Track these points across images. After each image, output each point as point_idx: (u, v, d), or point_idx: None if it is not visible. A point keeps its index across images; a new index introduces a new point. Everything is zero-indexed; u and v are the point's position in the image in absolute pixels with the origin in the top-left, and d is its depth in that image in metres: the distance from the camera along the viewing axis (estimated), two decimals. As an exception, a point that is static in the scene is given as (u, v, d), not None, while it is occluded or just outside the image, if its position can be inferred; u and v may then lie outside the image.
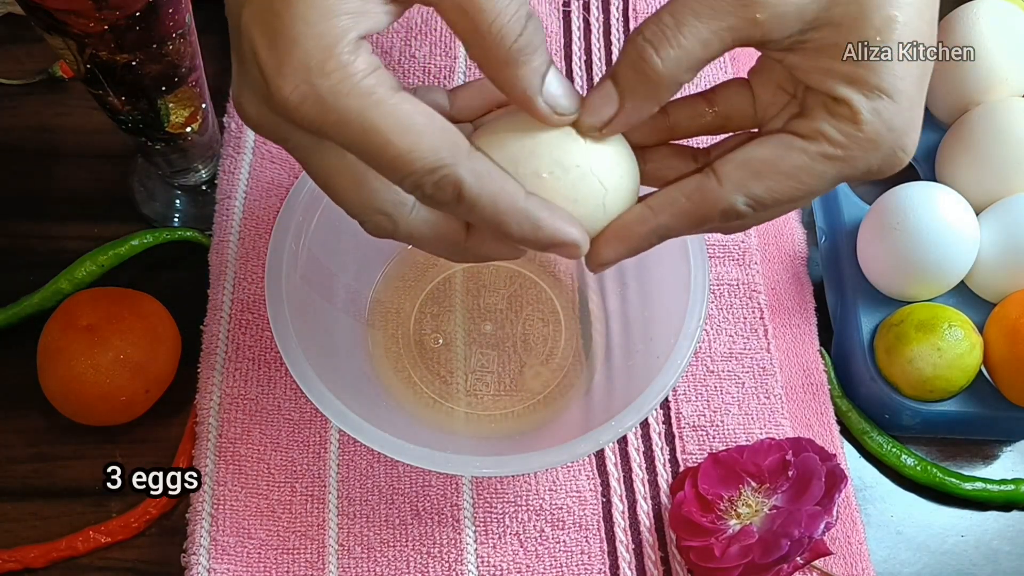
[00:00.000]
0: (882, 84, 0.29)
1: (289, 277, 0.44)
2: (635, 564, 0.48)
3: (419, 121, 0.28)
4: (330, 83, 0.27)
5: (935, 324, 0.50)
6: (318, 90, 0.27)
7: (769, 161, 0.30)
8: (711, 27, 0.29)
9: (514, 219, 0.29)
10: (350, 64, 0.27)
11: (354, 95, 0.27)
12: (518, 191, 0.30)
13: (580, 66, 0.61)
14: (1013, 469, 0.53)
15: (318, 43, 0.27)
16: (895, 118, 0.29)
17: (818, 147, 0.30)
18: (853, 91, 0.29)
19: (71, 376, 0.47)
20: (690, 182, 0.31)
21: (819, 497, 0.45)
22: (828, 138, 0.30)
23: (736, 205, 0.30)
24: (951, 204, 0.51)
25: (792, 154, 0.30)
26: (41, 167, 0.58)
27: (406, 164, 0.28)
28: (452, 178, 0.28)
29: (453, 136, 0.28)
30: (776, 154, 0.30)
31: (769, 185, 0.30)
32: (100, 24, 0.41)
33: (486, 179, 0.29)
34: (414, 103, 0.28)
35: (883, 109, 0.29)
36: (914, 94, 0.30)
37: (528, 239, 0.30)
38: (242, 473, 0.48)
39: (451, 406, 0.51)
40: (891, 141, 0.30)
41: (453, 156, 0.28)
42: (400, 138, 0.27)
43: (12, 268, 0.55)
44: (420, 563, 0.47)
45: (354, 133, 0.27)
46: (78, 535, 0.48)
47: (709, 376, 0.52)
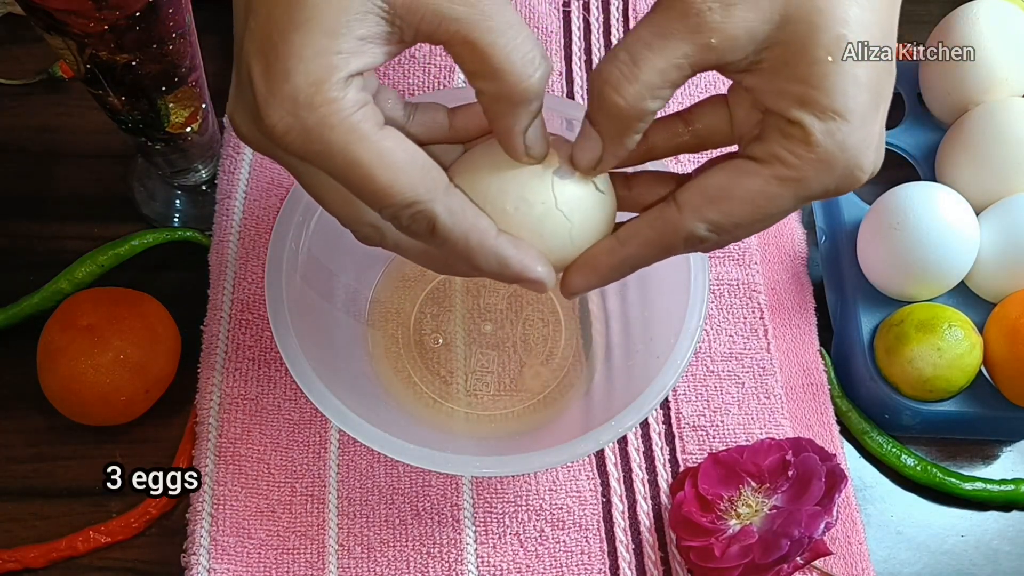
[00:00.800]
0: (834, 105, 0.29)
1: (289, 277, 0.44)
2: (635, 564, 0.48)
3: (400, 158, 0.29)
4: (316, 117, 0.28)
5: (935, 324, 0.50)
6: (304, 123, 0.28)
7: (724, 187, 0.31)
8: (667, 57, 0.29)
9: (482, 256, 0.31)
10: (337, 100, 0.28)
11: (339, 130, 0.28)
12: (489, 229, 0.31)
13: (580, 66, 0.61)
14: (1013, 469, 0.53)
15: (307, 79, 0.28)
16: (848, 138, 0.29)
17: (772, 170, 0.30)
18: (804, 112, 0.29)
19: (71, 376, 0.47)
20: (653, 211, 0.32)
21: (819, 497, 0.45)
22: (782, 160, 0.30)
23: (696, 231, 0.31)
24: (951, 204, 0.51)
25: (746, 179, 0.30)
26: (41, 167, 0.58)
27: (385, 197, 0.29)
28: (427, 214, 0.30)
29: (432, 173, 0.30)
30: (731, 179, 0.31)
31: (725, 210, 0.31)
32: (100, 24, 0.41)
33: (459, 216, 0.31)
34: (397, 140, 0.29)
35: (835, 130, 0.29)
36: (867, 112, 0.30)
37: (495, 274, 0.32)
38: (242, 473, 0.48)
39: (451, 406, 0.51)
40: (845, 161, 0.30)
41: (429, 193, 0.30)
42: (380, 173, 0.29)
43: (12, 268, 0.55)
44: (420, 563, 0.47)
45: (336, 165, 0.29)
46: (78, 535, 0.48)
47: (709, 376, 0.52)
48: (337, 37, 0.28)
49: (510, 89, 0.30)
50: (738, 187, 0.31)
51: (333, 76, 0.28)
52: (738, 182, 0.31)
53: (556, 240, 0.33)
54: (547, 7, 0.63)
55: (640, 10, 0.63)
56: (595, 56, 0.62)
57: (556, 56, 0.61)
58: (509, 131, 0.31)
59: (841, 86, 0.29)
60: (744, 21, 0.29)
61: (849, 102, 0.29)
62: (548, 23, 0.62)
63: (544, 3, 0.63)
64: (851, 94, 0.29)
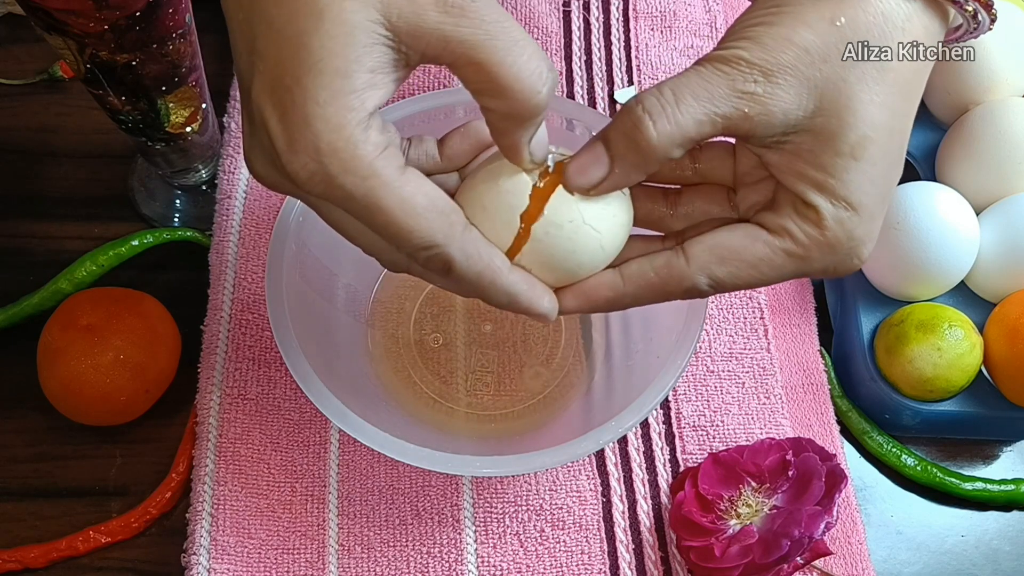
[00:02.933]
0: (850, 197, 0.31)
1: (289, 277, 0.44)
2: (635, 564, 0.48)
3: (420, 203, 0.30)
4: (339, 164, 0.28)
5: (935, 324, 0.50)
6: (327, 169, 0.28)
7: (735, 249, 0.33)
8: (706, 109, 0.31)
9: (494, 293, 0.33)
10: (359, 145, 0.28)
11: (361, 175, 0.29)
12: (502, 267, 0.33)
13: (580, 66, 0.61)
14: (1013, 469, 0.53)
15: (327, 124, 0.28)
16: (856, 228, 0.32)
17: (782, 243, 0.32)
18: (822, 198, 0.31)
19: (71, 376, 0.47)
20: (660, 257, 0.34)
21: (819, 497, 0.45)
22: (792, 236, 0.32)
23: (699, 285, 0.33)
24: (951, 204, 0.51)
25: (757, 245, 0.32)
26: (41, 167, 0.58)
27: (404, 241, 0.30)
28: (443, 256, 0.31)
29: (450, 217, 0.31)
30: (743, 244, 0.33)
31: (731, 271, 0.33)
32: (100, 24, 0.41)
33: (473, 259, 0.32)
34: (418, 183, 0.30)
35: (846, 220, 0.31)
36: (875, 209, 0.32)
37: (505, 307, 0.34)
38: (242, 473, 0.48)
39: (451, 406, 0.51)
40: (849, 248, 0.32)
41: (447, 238, 0.31)
42: (401, 218, 0.30)
43: (12, 268, 0.55)
44: (420, 563, 0.47)
45: (359, 209, 0.30)
46: (78, 535, 0.48)
47: (709, 376, 0.52)
48: (350, 76, 0.28)
49: (520, 107, 0.30)
50: (747, 252, 0.32)
51: (353, 118, 0.28)
52: (748, 247, 0.32)
53: (588, 254, 0.34)
54: (547, 7, 0.63)
55: (640, 10, 0.63)
56: (595, 56, 0.62)
57: (556, 56, 0.61)
58: (516, 146, 0.32)
59: (858, 182, 0.31)
60: (783, 101, 0.31)
61: (863, 197, 0.31)
62: (548, 23, 0.62)
63: (544, 3, 0.63)
64: (865, 190, 0.31)
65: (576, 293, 0.35)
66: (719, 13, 0.63)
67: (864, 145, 0.31)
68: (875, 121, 0.31)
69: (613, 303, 0.35)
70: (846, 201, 0.31)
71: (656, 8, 0.63)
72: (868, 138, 0.31)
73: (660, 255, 0.34)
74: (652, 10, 0.63)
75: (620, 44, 0.62)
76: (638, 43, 0.62)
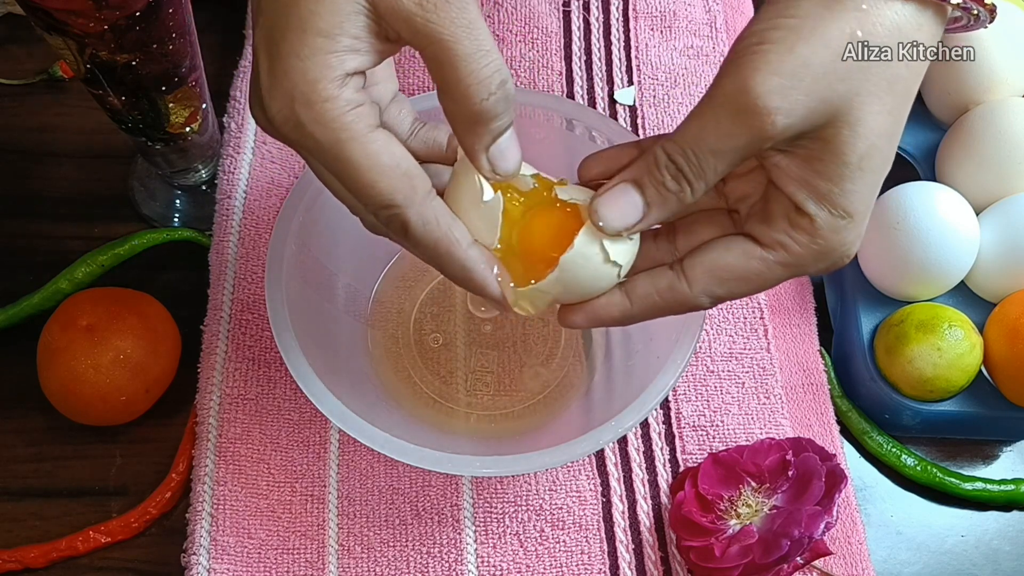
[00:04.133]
0: (849, 206, 0.32)
1: (289, 277, 0.44)
2: (635, 564, 0.48)
3: (384, 161, 0.31)
4: (310, 114, 0.30)
5: (935, 324, 0.50)
6: (299, 117, 0.30)
7: (732, 268, 0.34)
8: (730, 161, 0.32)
9: (449, 264, 0.34)
10: (332, 99, 0.30)
11: (331, 128, 0.30)
12: (460, 240, 0.33)
13: (580, 66, 0.61)
14: (1013, 469, 0.53)
15: (303, 77, 0.30)
16: (848, 234, 0.32)
17: (775, 256, 0.33)
18: (820, 208, 0.32)
19: (71, 376, 0.47)
20: (663, 279, 0.35)
21: (819, 497, 0.45)
22: (785, 248, 0.33)
23: (701, 303, 0.35)
24: (951, 204, 0.51)
25: (752, 262, 0.34)
26: (41, 167, 0.58)
27: (366, 195, 0.32)
28: (401, 217, 0.32)
29: (413, 181, 0.32)
30: (738, 263, 0.34)
31: (730, 288, 0.34)
32: (100, 24, 0.41)
33: (431, 225, 0.33)
34: (385, 143, 0.31)
35: (841, 227, 0.32)
36: (867, 211, 0.33)
37: (460, 281, 0.34)
38: (242, 473, 0.48)
39: (451, 406, 0.51)
40: (840, 252, 0.33)
41: (406, 199, 0.32)
42: (363, 173, 0.31)
43: (12, 268, 0.55)
44: (420, 563, 0.47)
45: (327, 159, 0.31)
46: (78, 535, 0.48)
47: (709, 376, 0.52)
48: (332, 38, 0.30)
49: (467, 111, 0.31)
50: (744, 269, 0.34)
51: (329, 75, 0.30)
52: (744, 265, 0.34)
53: (606, 282, 0.35)
54: (547, 7, 0.63)
55: (640, 10, 0.63)
56: (595, 56, 0.62)
57: (556, 56, 0.61)
58: (471, 151, 0.33)
59: (859, 191, 0.32)
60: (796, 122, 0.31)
61: (859, 205, 0.32)
62: (548, 23, 0.62)
63: (544, 3, 0.63)
64: (862, 198, 0.32)
65: (588, 313, 0.36)
66: (719, 13, 0.63)
67: (871, 155, 0.31)
68: (881, 130, 0.31)
69: (619, 321, 0.36)
70: (844, 210, 0.32)
71: (656, 8, 0.63)
72: (875, 147, 0.31)
73: (663, 276, 0.35)
74: (652, 10, 0.63)
75: (620, 44, 0.62)
76: (638, 43, 0.62)
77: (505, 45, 0.61)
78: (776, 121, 0.30)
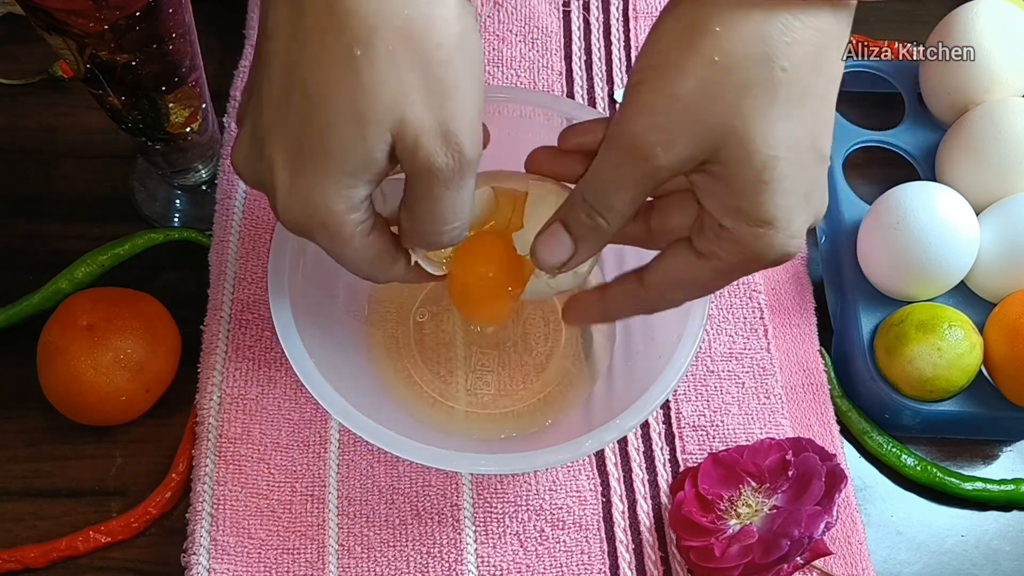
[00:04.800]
0: (764, 216, 0.32)
1: (291, 276, 0.44)
2: (635, 564, 0.48)
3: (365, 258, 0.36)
4: (324, 232, 0.34)
5: (935, 324, 0.50)
6: (311, 232, 0.34)
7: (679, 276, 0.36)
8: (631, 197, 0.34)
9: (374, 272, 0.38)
10: (346, 224, 0.34)
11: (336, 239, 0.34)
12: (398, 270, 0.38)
13: (580, 66, 0.61)
14: (1013, 469, 0.53)
15: (326, 207, 0.33)
16: (775, 239, 0.33)
17: (711, 264, 0.35)
18: (736, 222, 0.33)
19: (71, 376, 0.47)
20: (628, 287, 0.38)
21: (819, 497, 0.45)
22: (718, 257, 0.34)
23: (659, 306, 0.38)
24: (951, 204, 0.51)
25: (694, 271, 0.36)
26: (41, 167, 0.58)
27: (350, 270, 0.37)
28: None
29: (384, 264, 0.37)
30: (684, 271, 0.36)
31: (683, 293, 0.37)
32: (100, 24, 0.41)
33: None
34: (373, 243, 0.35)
35: (763, 235, 0.33)
36: (794, 212, 0.33)
37: None
38: (242, 473, 0.48)
39: (452, 405, 0.50)
40: (773, 255, 0.33)
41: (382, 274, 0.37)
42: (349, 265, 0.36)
43: (12, 268, 0.55)
44: (420, 563, 0.47)
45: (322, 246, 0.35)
46: (78, 535, 0.48)
47: (709, 376, 0.52)
48: (356, 176, 0.32)
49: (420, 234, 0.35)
50: (689, 276, 0.36)
51: (347, 204, 0.33)
52: (689, 273, 0.36)
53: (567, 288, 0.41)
54: (547, 7, 0.63)
55: (640, 10, 0.63)
56: (595, 56, 0.62)
57: (556, 56, 0.61)
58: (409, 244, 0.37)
59: (772, 200, 0.32)
60: (686, 154, 0.32)
61: (778, 212, 0.32)
62: (548, 23, 0.62)
63: (544, 3, 0.63)
64: (779, 204, 0.32)
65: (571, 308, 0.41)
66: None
67: (770, 166, 0.31)
68: (776, 140, 0.31)
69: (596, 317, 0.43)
70: (761, 220, 0.32)
71: (656, 8, 0.63)
72: (773, 158, 0.31)
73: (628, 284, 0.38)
74: (652, 10, 0.63)
75: (620, 44, 0.62)
76: (638, 43, 0.62)
77: (505, 45, 0.61)
78: (657, 154, 0.32)
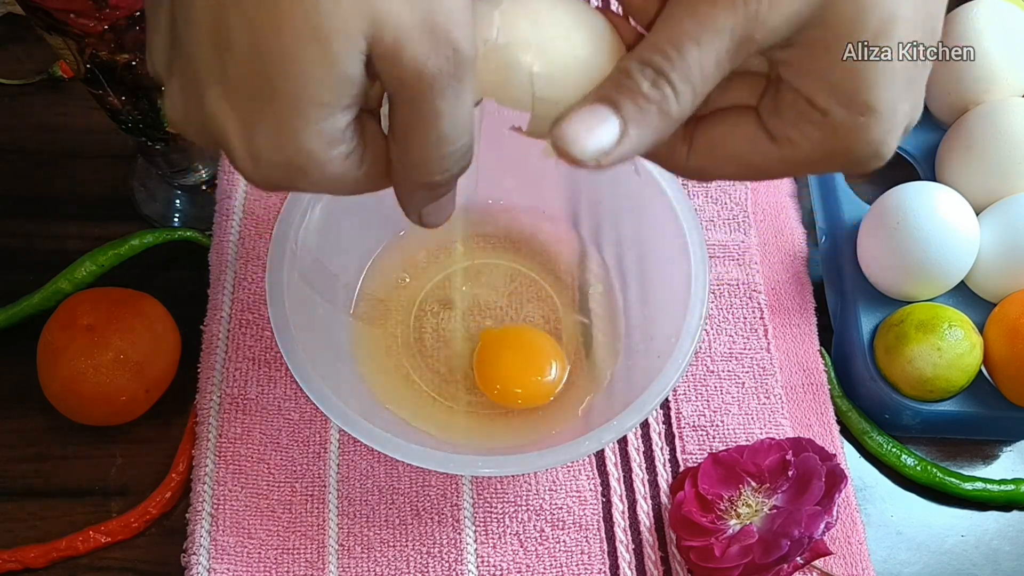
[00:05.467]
0: (868, 99, 0.27)
1: (289, 277, 0.44)
2: (635, 564, 0.48)
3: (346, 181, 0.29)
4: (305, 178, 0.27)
5: (935, 324, 0.50)
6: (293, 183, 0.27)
7: (731, 152, 0.30)
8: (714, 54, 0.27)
9: None
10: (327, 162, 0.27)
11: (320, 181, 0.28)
12: None
13: (580, 66, 0.61)
14: (1013, 469, 0.53)
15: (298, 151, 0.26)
16: (872, 132, 0.28)
17: (781, 152, 0.29)
18: (834, 103, 0.27)
19: (71, 376, 0.47)
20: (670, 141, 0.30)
21: (819, 497, 0.45)
22: (794, 145, 0.28)
23: (692, 174, 0.31)
24: (951, 204, 0.51)
25: (762, 155, 0.29)
26: (41, 167, 0.58)
27: None
28: None
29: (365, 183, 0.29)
30: (740, 149, 0.30)
31: (725, 171, 0.30)
32: (100, 24, 0.41)
33: None
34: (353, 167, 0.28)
35: (861, 125, 0.27)
36: (898, 103, 0.28)
37: None
38: (242, 473, 0.48)
39: (451, 404, 0.50)
40: (863, 152, 0.28)
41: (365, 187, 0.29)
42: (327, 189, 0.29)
43: (12, 268, 0.55)
44: (420, 563, 0.47)
45: None
46: (78, 535, 0.48)
47: (709, 376, 0.52)
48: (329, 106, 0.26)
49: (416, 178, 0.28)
50: (750, 157, 0.29)
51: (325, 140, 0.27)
52: (751, 154, 0.29)
53: None
54: (547, 7, 0.63)
55: (640, 10, 0.63)
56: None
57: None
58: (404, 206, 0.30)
59: (879, 80, 0.27)
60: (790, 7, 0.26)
61: (883, 95, 0.27)
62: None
63: (544, 3, 0.63)
64: (885, 86, 0.27)
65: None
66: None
67: (887, 31, 0.26)
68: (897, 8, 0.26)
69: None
70: (863, 104, 0.27)
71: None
72: (894, 18, 0.26)
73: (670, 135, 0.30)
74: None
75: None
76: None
77: None
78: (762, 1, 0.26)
